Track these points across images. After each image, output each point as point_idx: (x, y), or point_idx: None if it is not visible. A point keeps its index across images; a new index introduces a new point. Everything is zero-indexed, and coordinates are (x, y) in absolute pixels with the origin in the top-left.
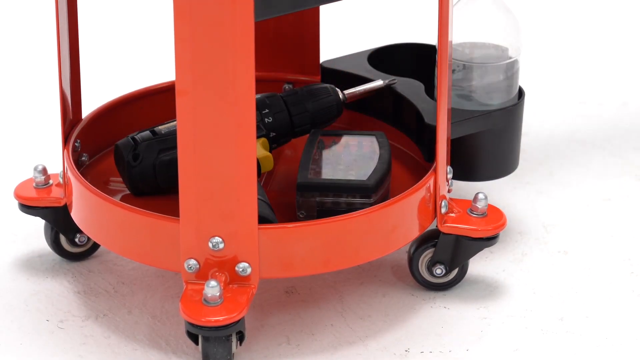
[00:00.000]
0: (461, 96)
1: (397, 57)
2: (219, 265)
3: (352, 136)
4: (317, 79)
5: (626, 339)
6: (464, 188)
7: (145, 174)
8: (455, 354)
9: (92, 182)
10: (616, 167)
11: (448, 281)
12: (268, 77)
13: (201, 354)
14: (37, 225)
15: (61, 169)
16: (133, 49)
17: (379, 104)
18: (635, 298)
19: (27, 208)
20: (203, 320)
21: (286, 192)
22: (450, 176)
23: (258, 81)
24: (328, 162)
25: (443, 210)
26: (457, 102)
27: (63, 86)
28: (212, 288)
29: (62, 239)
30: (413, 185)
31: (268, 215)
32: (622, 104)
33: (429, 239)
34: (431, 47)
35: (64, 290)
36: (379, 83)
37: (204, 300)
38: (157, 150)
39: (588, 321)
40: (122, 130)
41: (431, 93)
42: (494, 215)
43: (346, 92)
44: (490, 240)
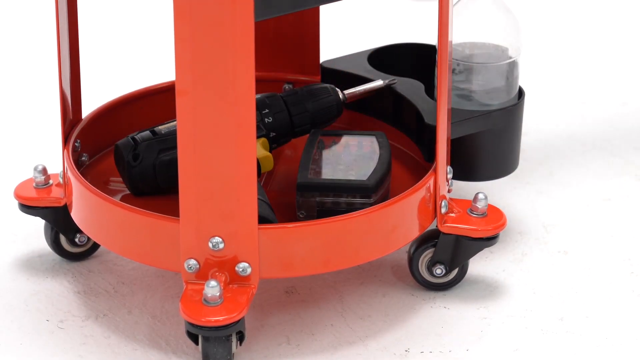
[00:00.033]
0: (461, 96)
1: (397, 57)
2: (219, 265)
3: (352, 136)
4: (317, 79)
5: (626, 339)
6: (464, 188)
7: (145, 174)
8: (455, 354)
9: (92, 182)
10: (616, 167)
11: (448, 281)
12: (268, 77)
13: (201, 354)
14: (37, 225)
15: (61, 169)
16: (133, 49)
17: (379, 104)
18: (635, 298)
19: (27, 208)
20: (203, 320)
21: (286, 192)
22: (450, 176)
23: (258, 81)
24: (328, 162)
25: (443, 210)
26: (457, 102)
27: (63, 86)
28: (212, 288)
29: (62, 239)
30: (413, 185)
31: (268, 215)
32: (622, 104)
33: (429, 239)
34: (431, 47)
35: (64, 290)
36: (379, 83)
37: (204, 300)
38: (157, 150)
39: (588, 321)
40: (122, 130)
41: (431, 93)
42: (494, 215)
43: (346, 92)
44: (490, 240)
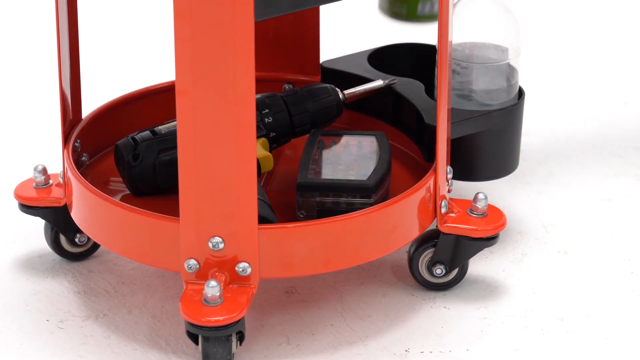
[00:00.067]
0: (461, 96)
1: (397, 57)
2: (219, 265)
3: (352, 136)
4: (317, 79)
5: (626, 339)
6: (464, 188)
7: (145, 174)
8: (455, 354)
9: (92, 182)
10: (616, 167)
11: (448, 281)
12: (268, 77)
13: (201, 354)
14: (37, 225)
15: (61, 169)
16: (133, 49)
17: (379, 104)
18: (635, 298)
19: (27, 208)
20: (203, 320)
21: (286, 192)
22: (450, 176)
23: (258, 81)
24: (328, 162)
25: (443, 210)
26: (457, 102)
27: (63, 86)
28: (212, 288)
29: (62, 239)
30: (413, 185)
31: (268, 215)
32: (622, 104)
33: (429, 239)
34: (431, 47)
35: (64, 290)
36: (379, 83)
37: (204, 300)
38: (157, 150)
39: (588, 321)
40: (122, 130)
41: (431, 93)
42: (494, 215)
43: (346, 92)
44: (490, 240)
